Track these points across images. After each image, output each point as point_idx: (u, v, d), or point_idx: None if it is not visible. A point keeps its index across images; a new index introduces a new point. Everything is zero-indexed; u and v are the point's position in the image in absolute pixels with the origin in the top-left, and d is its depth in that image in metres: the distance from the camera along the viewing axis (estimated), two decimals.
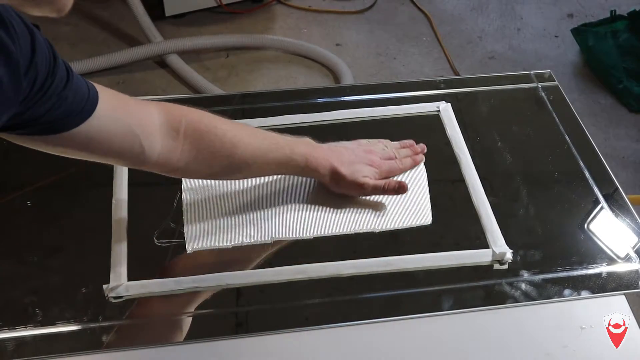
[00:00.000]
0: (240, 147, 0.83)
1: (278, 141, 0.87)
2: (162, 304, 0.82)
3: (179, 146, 0.79)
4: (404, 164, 0.97)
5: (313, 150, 0.89)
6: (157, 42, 2.23)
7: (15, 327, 0.79)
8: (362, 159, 0.93)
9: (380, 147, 0.97)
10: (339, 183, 0.90)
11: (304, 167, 0.88)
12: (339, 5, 2.60)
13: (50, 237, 0.90)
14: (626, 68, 2.21)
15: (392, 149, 0.98)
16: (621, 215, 0.93)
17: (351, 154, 0.92)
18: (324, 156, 0.89)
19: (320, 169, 0.89)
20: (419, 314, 0.82)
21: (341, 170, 0.89)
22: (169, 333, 0.81)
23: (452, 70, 2.31)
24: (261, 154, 0.85)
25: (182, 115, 0.80)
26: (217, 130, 0.82)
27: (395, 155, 0.97)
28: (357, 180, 0.90)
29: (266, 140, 0.86)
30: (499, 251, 0.87)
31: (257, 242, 0.88)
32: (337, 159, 0.90)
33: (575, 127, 1.07)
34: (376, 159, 0.94)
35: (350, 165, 0.90)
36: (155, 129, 0.77)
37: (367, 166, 0.92)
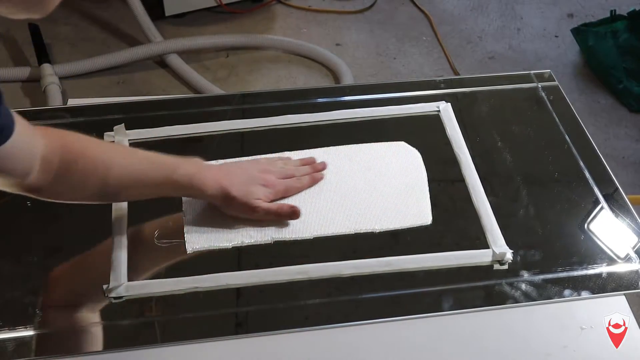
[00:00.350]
0: (115, 169, 0.81)
1: (158, 162, 0.85)
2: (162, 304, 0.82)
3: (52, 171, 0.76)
4: (301, 182, 0.93)
5: (200, 171, 0.86)
6: (157, 42, 2.23)
7: (15, 327, 0.79)
8: (256, 179, 0.89)
9: (278, 165, 0.94)
10: (230, 204, 0.87)
11: (188, 187, 0.85)
12: (339, 5, 2.60)
13: (50, 237, 0.90)
14: (626, 68, 2.21)
15: (291, 166, 0.95)
16: (621, 216, 0.93)
17: (244, 174, 0.89)
18: (212, 177, 0.86)
19: (208, 190, 0.85)
20: (419, 314, 0.82)
21: (232, 191, 0.86)
22: (169, 333, 0.81)
23: (452, 70, 2.31)
24: (139, 175, 0.83)
25: (58, 138, 0.78)
26: (89, 152, 0.80)
27: (294, 174, 0.94)
28: (249, 202, 0.87)
29: (144, 161, 0.84)
30: (499, 251, 0.87)
31: (257, 242, 0.88)
32: (227, 179, 0.87)
33: (575, 127, 1.07)
34: (271, 179, 0.91)
35: (242, 186, 0.87)
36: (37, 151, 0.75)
37: (261, 187, 0.89)
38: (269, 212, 0.88)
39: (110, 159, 0.81)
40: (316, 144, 1.02)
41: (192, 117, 1.07)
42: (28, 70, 2.15)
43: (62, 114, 1.10)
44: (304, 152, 1.00)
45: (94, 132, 1.02)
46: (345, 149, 1.02)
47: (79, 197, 0.83)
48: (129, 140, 1.01)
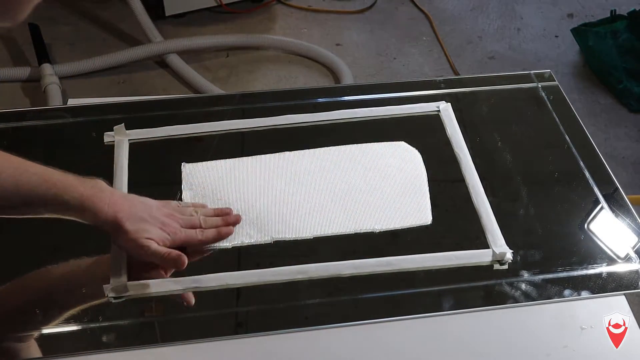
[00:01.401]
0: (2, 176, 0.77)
1: (51, 178, 0.80)
2: (163, 304, 0.82)
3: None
4: (205, 234, 0.87)
5: (96, 194, 0.81)
6: (157, 42, 2.23)
7: (15, 327, 0.78)
8: (156, 220, 0.84)
9: (187, 212, 0.88)
10: (119, 237, 0.81)
11: (79, 210, 0.80)
12: (339, 5, 2.60)
13: (50, 237, 0.90)
14: (626, 68, 2.21)
15: (200, 215, 0.88)
16: (621, 216, 0.93)
17: (146, 211, 0.83)
18: (109, 203, 0.81)
19: (100, 215, 0.80)
20: (419, 314, 0.82)
21: (125, 224, 0.80)
22: (169, 333, 0.81)
23: (452, 70, 2.31)
24: (26, 190, 0.79)
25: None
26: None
27: (200, 225, 0.87)
28: (138, 239, 0.81)
29: (35, 176, 0.79)
30: (499, 251, 0.87)
31: (257, 242, 0.88)
32: (125, 210, 0.81)
33: (575, 127, 1.07)
34: (173, 225, 0.85)
35: (138, 222, 0.81)
36: None
37: (158, 229, 0.83)
38: (155, 254, 0.82)
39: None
40: (316, 144, 1.02)
41: (192, 117, 1.07)
42: (28, 70, 2.15)
43: (62, 114, 1.10)
44: (304, 152, 1.00)
45: (94, 132, 1.03)
46: (345, 149, 1.02)
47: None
48: (129, 140, 1.01)
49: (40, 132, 1.05)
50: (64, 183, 0.80)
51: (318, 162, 0.99)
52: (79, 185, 0.81)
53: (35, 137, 1.04)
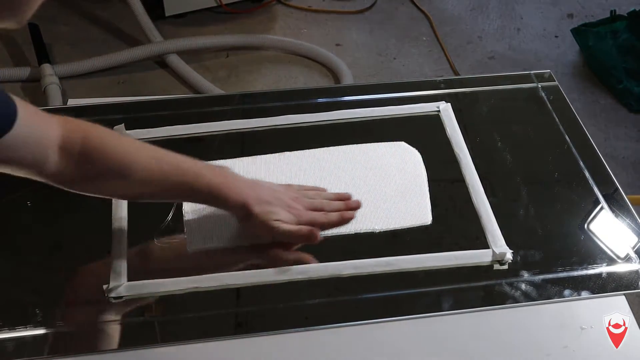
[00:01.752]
0: (136, 170, 0.79)
1: (183, 167, 0.82)
2: (163, 304, 0.82)
3: (72, 163, 0.76)
4: (329, 218, 0.89)
5: (224, 182, 0.83)
6: (157, 42, 2.23)
7: (15, 327, 0.79)
8: (282, 203, 0.86)
9: (309, 196, 0.91)
10: (249, 220, 0.84)
11: (208, 197, 0.83)
12: (339, 5, 2.60)
13: (50, 237, 0.90)
14: (626, 68, 2.21)
15: (322, 199, 0.91)
16: (621, 216, 0.93)
17: (271, 194, 0.86)
18: (236, 189, 0.84)
19: (230, 202, 0.83)
20: (419, 314, 0.82)
21: (254, 208, 0.83)
22: (169, 333, 0.81)
23: (452, 70, 2.31)
24: (158, 179, 0.81)
25: (81, 130, 0.77)
26: (113, 150, 0.78)
27: (323, 207, 0.90)
28: (268, 221, 0.84)
29: (169, 165, 0.82)
30: (499, 251, 0.87)
31: (257, 243, 0.88)
32: (252, 195, 0.84)
33: (575, 127, 1.07)
34: (298, 207, 0.87)
35: (265, 205, 0.84)
36: (55, 143, 0.74)
37: (285, 211, 0.86)
38: (286, 233, 0.85)
39: (132, 161, 0.79)
40: (316, 144, 1.02)
41: (192, 117, 1.07)
42: (28, 70, 2.15)
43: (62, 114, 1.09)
44: (304, 152, 1.01)
45: None
46: (345, 149, 1.02)
47: (101, 193, 0.82)
48: None
49: None
50: (195, 172, 0.82)
51: (318, 162, 0.99)
52: (208, 173, 0.83)
53: None
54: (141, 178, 0.80)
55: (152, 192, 0.83)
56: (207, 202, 0.86)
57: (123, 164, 0.79)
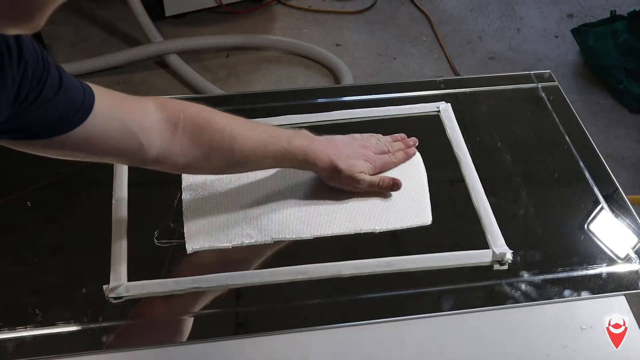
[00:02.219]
0: (240, 140, 0.83)
1: (276, 134, 0.87)
2: (163, 304, 0.82)
3: (177, 141, 0.79)
4: (397, 157, 0.98)
5: (311, 143, 0.89)
6: (157, 42, 2.23)
7: (15, 327, 0.79)
8: (358, 153, 0.93)
9: (373, 141, 0.98)
10: (335, 177, 0.91)
11: (302, 160, 0.88)
12: (339, 5, 2.60)
13: (50, 237, 0.90)
14: (626, 68, 2.21)
15: (385, 142, 0.98)
16: (621, 216, 0.93)
17: (347, 148, 0.92)
18: (322, 149, 0.89)
19: (319, 163, 0.89)
20: (419, 314, 0.82)
21: (339, 164, 0.89)
22: (169, 333, 0.81)
23: (452, 71, 2.31)
24: (260, 147, 0.85)
25: (179, 109, 0.80)
26: (216, 124, 0.81)
27: (389, 149, 0.97)
28: (353, 175, 0.91)
29: (264, 133, 0.86)
30: (499, 252, 0.87)
31: (257, 243, 0.88)
32: (334, 152, 0.90)
33: (575, 127, 1.07)
34: (370, 154, 0.94)
35: (347, 160, 0.90)
36: (152, 124, 0.77)
37: (363, 161, 0.93)
38: (371, 185, 0.92)
39: (235, 130, 0.82)
40: None
41: None
42: None
43: None
44: None
45: None
46: None
47: (204, 168, 0.85)
48: None
49: None
50: (288, 136, 0.87)
51: None
52: (297, 136, 0.88)
53: None
54: (245, 146, 0.83)
55: (253, 160, 0.86)
56: (298, 165, 0.89)
57: (227, 134, 0.81)
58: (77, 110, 0.69)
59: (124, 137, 0.74)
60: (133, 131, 0.74)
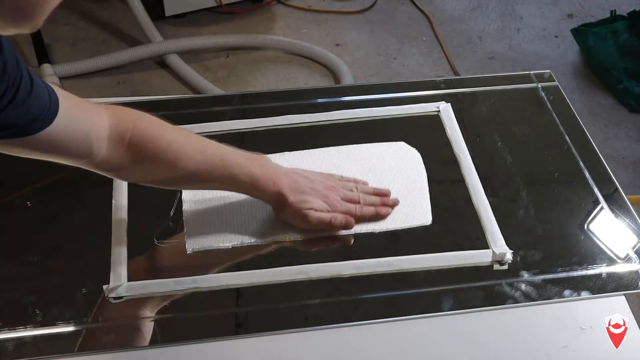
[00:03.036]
0: (184, 160, 0.80)
1: (227, 159, 0.83)
2: (162, 304, 0.82)
3: (121, 152, 0.77)
4: (362, 211, 0.90)
5: (265, 172, 0.85)
6: (157, 42, 2.23)
7: (15, 327, 0.79)
8: (318, 192, 0.88)
9: (347, 187, 0.92)
10: (282, 209, 0.87)
11: (250, 187, 0.85)
12: (339, 5, 2.60)
13: (50, 237, 0.90)
14: (626, 68, 2.21)
15: (360, 192, 0.92)
16: (621, 216, 0.93)
17: (307, 183, 0.88)
18: (274, 179, 0.85)
19: (267, 191, 0.85)
20: (419, 314, 0.82)
21: (288, 197, 0.85)
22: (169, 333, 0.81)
23: (452, 71, 2.31)
24: (205, 169, 0.82)
25: (131, 120, 0.78)
26: (162, 139, 0.80)
27: (359, 200, 0.91)
28: (301, 210, 0.86)
29: (213, 157, 0.83)
30: (499, 252, 0.87)
31: (257, 243, 0.88)
32: (288, 184, 0.85)
33: (575, 127, 1.07)
34: (333, 197, 0.88)
35: (299, 194, 0.86)
36: (104, 132, 0.76)
37: (320, 200, 0.87)
38: (320, 221, 0.87)
39: (181, 149, 0.81)
40: (316, 144, 1.02)
41: (192, 117, 1.07)
42: None
43: None
44: (304, 153, 1.01)
45: None
46: (345, 149, 1.02)
47: (147, 181, 0.84)
48: None
49: None
50: (239, 164, 0.84)
51: (318, 163, 0.99)
52: (250, 165, 0.85)
53: None
54: (188, 167, 0.81)
55: (196, 181, 0.85)
56: (246, 192, 0.87)
57: (172, 153, 0.80)
58: (46, 112, 0.68)
59: (80, 141, 0.74)
60: (89, 136, 0.74)
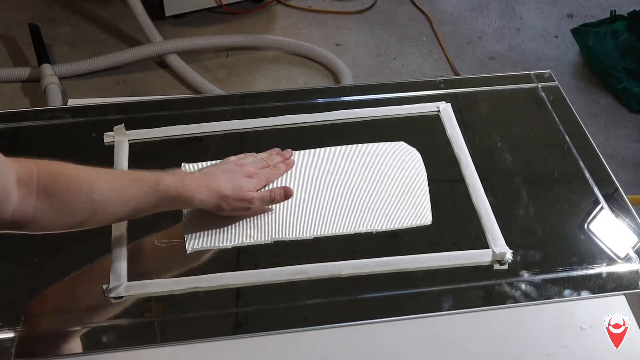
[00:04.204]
0: (98, 185, 0.77)
1: (140, 177, 0.82)
2: (162, 304, 0.82)
3: (33, 196, 0.73)
4: (278, 169, 0.95)
5: (183, 180, 0.84)
6: (157, 42, 2.23)
7: (15, 327, 0.79)
8: (239, 173, 0.89)
9: (250, 160, 0.94)
10: (223, 205, 0.86)
11: (176, 197, 0.82)
12: (339, 5, 2.60)
13: (50, 237, 0.90)
14: (626, 68, 2.21)
15: (261, 158, 0.95)
16: (621, 216, 0.93)
17: (226, 172, 0.88)
18: (197, 183, 0.84)
19: (197, 195, 0.83)
20: (418, 314, 0.82)
21: (223, 190, 0.85)
22: (169, 333, 0.81)
23: (452, 71, 2.31)
24: (123, 190, 0.79)
25: (32, 162, 0.74)
26: (69, 170, 0.77)
27: (268, 163, 0.95)
28: (243, 196, 0.87)
29: (126, 177, 0.82)
30: (499, 251, 0.87)
31: (257, 242, 0.88)
32: (213, 181, 0.85)
33: (575, 127, 1.07)
34: (251, 170, 0.91)
35: (229, 183, 0.86)
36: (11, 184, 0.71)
37: (246, 178, 0.89)
38: (264, 200, 0.89)
39: (91, 176, 0.77)
40: (316, 144, 1.02)
41: (192, 117, 1.07)
42: (28, 70, 2.15)
43: (62, 114, 1.10)
44: (304, 152, 1.01)
45: (94, 132, 1.03)
46: (345, 149, 1.02)
47: (66, 222, 0.77)
48: (129, 141, 1.01)
49: (40, 132, 1.05)
50: (153, 177, 0.82)
51: (318, 162, 0.99)
52: (165, 176, 0.83)
53: (35, 137, 1.04)
54: (105, 193, 0.77)
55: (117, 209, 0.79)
56: (173, 204, 0.84)
57: (83, 180, 0.76)
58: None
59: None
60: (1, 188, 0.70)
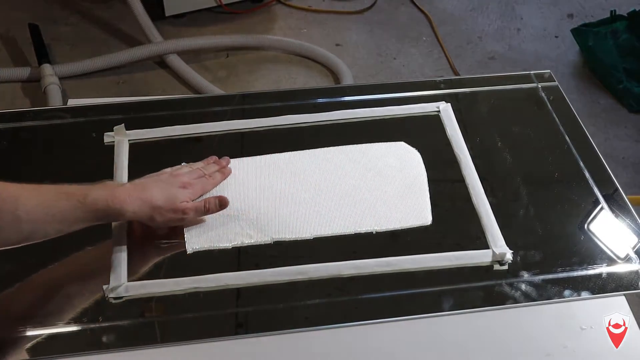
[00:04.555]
0: (23, 200, 0.76)
1: (67, 191, 0.80)
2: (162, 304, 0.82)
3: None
4: (214, 178, 0.94)
5: (113, 192, 0.82)
6: (157, 42, 2.23)
7: (15, 327, 0.78)
8: (173, 183, 0.88)
9: (185, 170, 0.92)
10: (156, 216, 0.84)
11: (105, 209, 0.80)
12: (339, 5, 2.60)
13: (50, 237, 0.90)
14: (626, 68, 2.21)
15: (197, 168, 0.93)
16: (621, 216, 0.93)
17: (159, 183, 0.87)
18: (128, 194, 0.82)
19: (127, 207, 0.81)
20: (419, 314, 0.82)
21: (155, 201, 0.83)
22: (169, 333, 0.81)
23: (452, 71, 2.31)
24: (49, 205, 0.78)
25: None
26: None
27: (204, 172, 0.93)
28: (175, 207, 0.85)
29: (53, 191, 0.79)
30: (499, 252, 0.87)
31: (257, 242, 0.88)
32: (145, 192, 0.84)
33: (575, 127, 1.07)
34: (186, 179, 0.89)
35: (162, 194, 0.85)
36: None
37: (181, 189, 0.87)
38: (198, 211, 0.88)
39: (16, 192, 0.76)
40: (316, 144, 1.02)
41: (192, 117, 1.07)
42: (28, 70, 2.15)
43: (62, 114, 1.10)
44: (304, 153, 1.01)
45: (94, 132, 1.03)
46: (345, 149, 1.02)
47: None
48: (129, 141, 1.01)
49: (40, 132, 1.05)
50: (81, 191, 0.80)
51: (318, 163, 0.99)
52: (94, 189, 0.81)
53: (35, 137, 1.04)
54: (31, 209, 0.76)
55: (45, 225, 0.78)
56: (102, 218, 0.82)
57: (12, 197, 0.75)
58: None
59: None
60: None
